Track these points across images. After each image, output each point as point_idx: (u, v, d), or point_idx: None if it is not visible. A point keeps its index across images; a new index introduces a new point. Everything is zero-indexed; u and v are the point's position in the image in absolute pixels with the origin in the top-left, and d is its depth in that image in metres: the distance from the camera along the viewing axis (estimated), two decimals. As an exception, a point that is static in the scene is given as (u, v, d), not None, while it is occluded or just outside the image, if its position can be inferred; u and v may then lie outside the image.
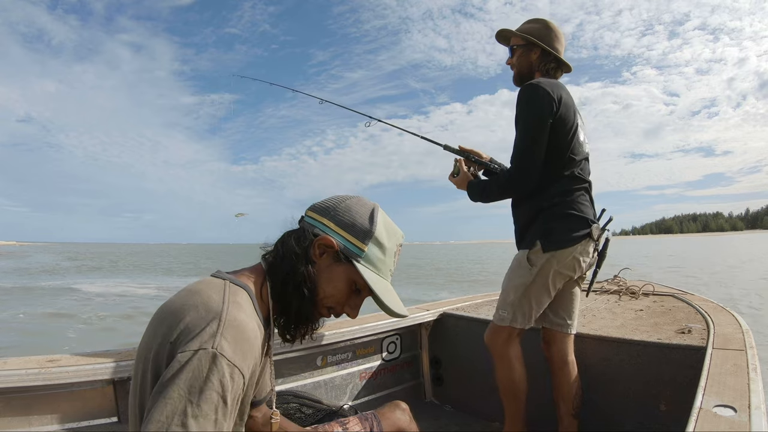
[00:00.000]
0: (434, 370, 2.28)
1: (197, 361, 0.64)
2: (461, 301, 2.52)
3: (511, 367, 1.60)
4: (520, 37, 1.65)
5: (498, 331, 1.61)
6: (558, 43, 1.63)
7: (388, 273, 0.89)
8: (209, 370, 0.64)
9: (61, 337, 6.45)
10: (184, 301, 0.74)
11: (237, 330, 0.69)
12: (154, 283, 15.90)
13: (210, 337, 0.66)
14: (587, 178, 1.58)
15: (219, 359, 0.65)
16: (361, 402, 1.95)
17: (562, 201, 1.52)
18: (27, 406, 1.16)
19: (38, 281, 16.20)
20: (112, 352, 1.35)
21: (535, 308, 1.57)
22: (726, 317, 1.79)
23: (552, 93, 1.48)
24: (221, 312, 0.70)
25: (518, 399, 1.62)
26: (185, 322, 0.69)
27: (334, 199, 0.89)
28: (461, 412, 2.15)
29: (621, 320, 1.94)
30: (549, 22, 1.64)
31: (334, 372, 1.89)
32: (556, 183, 1.53)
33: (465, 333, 2.17)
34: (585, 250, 1.53)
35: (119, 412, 1.28)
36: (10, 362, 1.18)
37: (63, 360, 1.24)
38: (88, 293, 12.53)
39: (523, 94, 1.53)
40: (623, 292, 2.57)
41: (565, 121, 1.51)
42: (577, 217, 1.52)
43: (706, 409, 0.91)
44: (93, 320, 7.64)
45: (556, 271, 1.52)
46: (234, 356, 0.67)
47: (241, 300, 0.76)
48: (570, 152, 1.53)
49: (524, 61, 1.65)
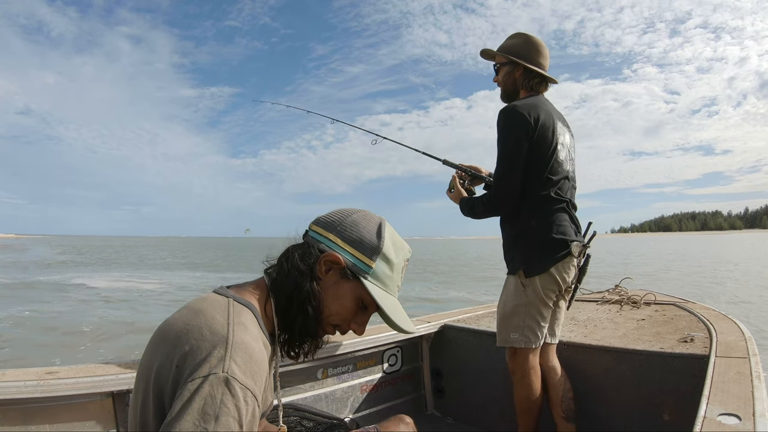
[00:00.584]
0: (435, 382, 2.26)
1: (209, 386, 0.62)
2: (462, 313, 2.51)
3: (531, 385, 1.62)
4: (502, 56, 1.69)
5: (516, 355, 1.64)
6: (541, 57, 1.66)
7: (395, 289, 0.87)
8: (223, 394, 0.62)
9: (61, 344, 6.38)
10: (187, 321, 0.71)
11: (245, 353, 0.68)
12: (156, 278, 15.70)
13: (219, 362, 0.64)
14: (565, 197, 1.60)
15: (232, 383, 0.63)
16: (362, 415, 1.93)
17: (540, 224, 1.57)
18: (25, 418, 1.15)
19: (37, 276, 15.96)
20: (111, 365, 1.35)
21: (542, 323, 1.60)
22: (728, 325, 1.79)
23: (528, 116, 1.53)
24: (227, 335, 0.68)
25: (534, 415, 1.65)
26: (190, 344, 0.67)
27: (340, 213, 0.87)
28: (463, 424, 2.12)
29: (623, 330, 1.93)
30: (530, 36, 1.67)
31: (334, 385, 1.87)
32: (532, 205, 1.58)
33: (466, 345, 2.15)
34: (566, 268, 1.57)
35: (118, 424, 1.27)
36: (8, 374, 1.17)
37: (62, 372, 1.24)
38: (93, 289, 12.37)
39: (500, 119, 1.59)
40: (625, 302, 2.56)
41: (542, 143, 1.55)
42: (554, 240, 1.55)
43: (710, 417, 0.90)
44: (95, 324, 7.55)
45: (546, 288, 1.57)
46: (245, 379, 0.65)
47: (246, 321, 0.74)
48: (548, 173, 1.57)
49: (509, 79, 1.70)
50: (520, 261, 1.60)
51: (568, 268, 1.58)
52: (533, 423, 1.65)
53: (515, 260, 1.62)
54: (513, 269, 1.63)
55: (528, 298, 1.58)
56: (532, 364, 1.62)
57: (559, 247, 1.55)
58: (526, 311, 1.58)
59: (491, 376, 2.03)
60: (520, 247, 1.61)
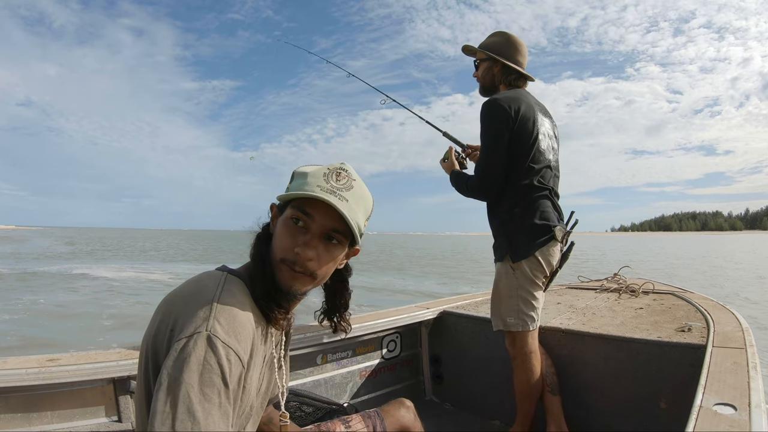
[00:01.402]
0: (434, 368, 2.28)
1: (192, 345, 0.65)
2: (461, 299, 2.52)
3: (532, 369, 1.67)
4: (482, 52, 1.76)
5: (515, 340, 1.68)
6: (519, 55, 1.73)
7: (315, 187, 0.80)
8: (206, 352, 0.65)
9: (65, 330, 6.46)
10: (182, 291, 0.77)
11: (229, 313, 0.71)
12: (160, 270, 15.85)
13: (203, 321, 0.68)
14: (548, 185, 1.67)
15: (214, 341, 0.66)
16: (361, 400, 1.95)
17: (522, 211, 1.63)
18: (27, 405, 1.16)
19: (40, 266, 16.13)
20: (112, 351, 1.35)
21: (535, 304, 1.66)
22: (726, 315, 1.79)
23: (509, 108, 1.59)
24: (212, 298, 0.72)
25: (533, 399, 1.69)
26: (181, 310, 0.71)
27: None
28: (461, 411, 2.15)
29: (621, 318, 1.94)
30: (510, 35, 1.74)
31: (333, 370, 1.89)
32: (515, 193, 1.64)
33: (465, 331, 2.17)
34: (551, 252, 1.64)
35: (120, 411, 1.28)
36: (10, 361, 1.18)
37: (63, 359, 1.24)
38: (98, 278, 12.51)
39: (483, 111, 1.65)
40: (623, 291, 2.57)
41: (522, 133, 1.61)
42: (537, 225, 1.62)
43: (706, 407, 0.91)
44: (99, 313, 7.63)
45: (534, 270, 1.64)
46: (228, 338, 0.68)
47: (235, 288, 0.77)
48: (530, 161, 1.63)
49: (487, 75, 1.77)
50: (506, 247, 1.65)
51: (553, 253, 1.65)
52: (533, 407, 1.69)
53: (502, 247, 1.68)
54: (500, 256, 1.68)
55: (518, 281, 1.64)
56: (531, 347, 1.67)
57: (543, 232, 1.62)
58: (518, 294, 1.64)
59: (490, 363, 2.05)
60: (506, 233, 1.67)
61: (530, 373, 1.66)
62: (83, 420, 1.24)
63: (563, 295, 2.58)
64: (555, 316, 2.03)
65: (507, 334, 1.70)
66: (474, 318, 2.14)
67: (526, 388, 1.68)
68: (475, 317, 2.14)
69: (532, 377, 1.66)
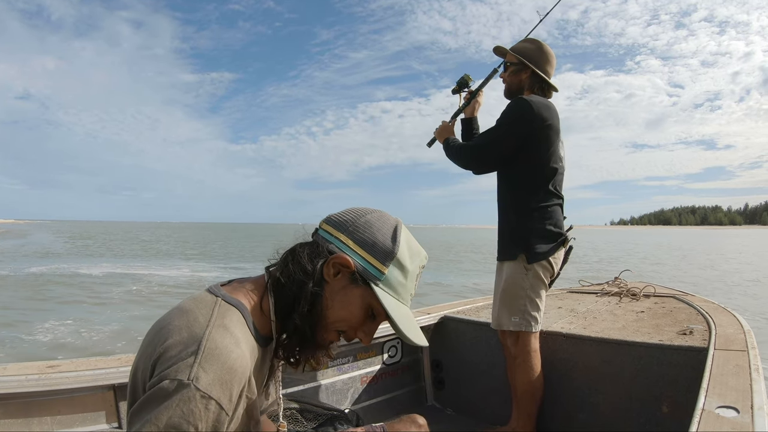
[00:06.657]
0: (435, 373, 2.27)
1: (172, 388, 0.61)
2: (462, 305, 2.51)
3: (534, 369, 1.69)
4: (514, 56, 1.78)
5: (518, 339, 1.71)
6: (549, 65, 1.76)
7: (408, 297, 0.81)
8: (180, 402, 0.61)
9: (65, 335, 6.39)
10: (170, 320, 0.70)
11: (217, 359, 0.65)
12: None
13: (187, 368, 0.63)
14: (561, 194, 1.75)
15: (193, 392, 0.61)
16: (362, 406, 1.94)
17: (541, 215, 1.70)
18: (26, 411, 1.15)
19: (42, 265, 15.76)
20: (113, 358, 1.35)
21: (541, 307, 1.70)
22: (727, 318, 1.79)
23: (539, 112, 1.63)
24: (202, 339, 0.66)
25: (535, 400, 1.71)
26: (167, 344, 0.66)
27: (353, 213, 0.81)
28: (463, 416, 2.14)
29: (622, 322, 1.93)
30: (543, 44, 1.76)
31: (334, 376, 1.88)
32: (538, 198, 1.70)
33: (466, 336, 2.16)
34: (559, 256, 1.74)
35: (120, 417, 1.28)
36: (9, 368, 1.18)
37: (63, 366, 1.24)
38: (93, 276, 12.31)
39: (515, 104, 1.69)
40: (624, 294, 2.56)
41: (546, 142, 1.67)
42: (552, 232, 1.70)
43: (709, 410, 0.90)
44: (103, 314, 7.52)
45: (545, 272, 1.70)
46: (210, 387, 0.63)
47: (230, 322, 0.70)
48: (550, 169, 1.70)
49: (515, 79, 1.80)
50: (523, 247, 1.68)
51: (560, 258, 1.73)
52: (534, 407, 1.70)
53: (517, 246, 1.70)
54: (512, 255, 1.71)
55: (530, 281, 1.67)
56: (533, 347, 1.69)
57: (558, 238, 1.70)
58: (526, 294, 1.68)
59: (491, 368, 2.04)
60: (524, 234, 1.69)
61: (532, 373, 1.68)
62: (84, 426, 1.23)
63: (564, 300, 2.57)
64: (556, 320, 2.02)
65: (509, 334, 1.72)
66: (475, 323, 2.13)
67: (528, 388, 1.69)
68: (476, 322, 2.13)
69: (534, 377, 1.68)
